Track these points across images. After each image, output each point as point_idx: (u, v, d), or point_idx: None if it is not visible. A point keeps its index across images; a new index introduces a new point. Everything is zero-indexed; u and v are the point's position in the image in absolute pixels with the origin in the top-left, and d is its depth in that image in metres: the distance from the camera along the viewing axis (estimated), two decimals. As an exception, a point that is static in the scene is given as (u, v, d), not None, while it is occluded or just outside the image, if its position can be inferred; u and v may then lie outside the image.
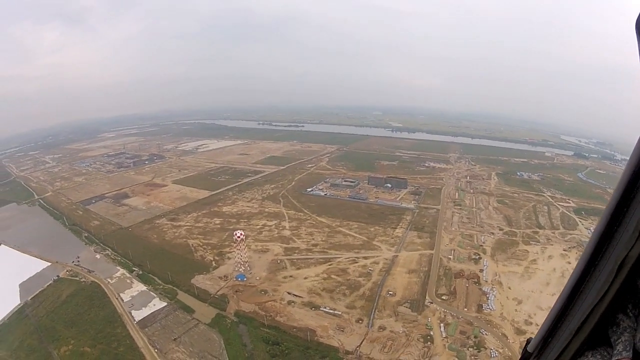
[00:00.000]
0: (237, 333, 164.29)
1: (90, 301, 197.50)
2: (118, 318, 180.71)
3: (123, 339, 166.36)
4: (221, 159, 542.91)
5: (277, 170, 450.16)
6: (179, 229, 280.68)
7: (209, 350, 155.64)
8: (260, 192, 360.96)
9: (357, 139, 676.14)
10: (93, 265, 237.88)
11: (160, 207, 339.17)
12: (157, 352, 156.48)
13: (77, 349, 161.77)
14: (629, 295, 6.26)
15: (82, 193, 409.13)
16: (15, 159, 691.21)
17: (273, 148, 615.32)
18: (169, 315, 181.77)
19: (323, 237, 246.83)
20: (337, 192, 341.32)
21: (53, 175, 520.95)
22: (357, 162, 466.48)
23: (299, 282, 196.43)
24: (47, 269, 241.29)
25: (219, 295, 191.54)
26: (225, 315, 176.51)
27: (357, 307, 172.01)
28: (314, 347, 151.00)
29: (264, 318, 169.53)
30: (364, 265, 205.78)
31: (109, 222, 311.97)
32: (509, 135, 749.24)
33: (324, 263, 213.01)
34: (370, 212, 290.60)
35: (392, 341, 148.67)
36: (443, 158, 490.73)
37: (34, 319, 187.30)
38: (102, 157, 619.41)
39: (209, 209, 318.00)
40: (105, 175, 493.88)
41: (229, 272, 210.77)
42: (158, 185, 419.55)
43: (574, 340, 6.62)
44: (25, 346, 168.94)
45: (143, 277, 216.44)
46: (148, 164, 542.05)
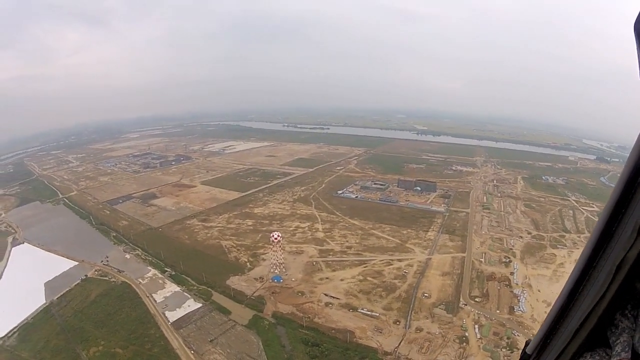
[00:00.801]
0: (276, 334, 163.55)
1: (120, 301, 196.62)
2: (151, 319, 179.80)
3: (157, 340, 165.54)
4: (249, 161, 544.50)
5: (306, 173, 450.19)
6: (211, 230, 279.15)
7: (247, 351, 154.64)
8: (291, 194, 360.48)
9: (383, 142, 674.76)
10: (123, 265, 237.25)
11: (190, 207, 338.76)
12: (193, 353, 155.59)
13: (107, 350, 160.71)
14: (628, 296, 6.46)
15: (108, 193, 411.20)
16: (38, 158, 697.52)
17: (300, 150, 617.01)
18: (205, 316, 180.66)
19: (357, 240, 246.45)
20: (367, 194, 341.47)
21: (77, 174, 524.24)
22: (385, 165, 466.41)
23: (335, 283, 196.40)
24: (73, 268, 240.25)
25: (256, 296, 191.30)
26: (263, 317, 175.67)
27: (394, 308, 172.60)
28: (353, 348, 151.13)
29: (302, 319, 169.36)
30: (399, 268, 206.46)
31: (137, 222, 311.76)
32: (532, 138, 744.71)
33: (359, 265, 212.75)
34: (401, 214, 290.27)
35: (429, 342, 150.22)
36: (469, 161, 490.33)
37: (60, 319, 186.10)
38: (127, 157, 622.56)
39: (240, 210, 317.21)
40: (131, 175, 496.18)
41: (264, 274, 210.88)
42: (187, 186, 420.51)
43: (573, 342, 6.89)
44: (51, 347, 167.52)
45: (176, 278, 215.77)
46: (175, 165, 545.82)
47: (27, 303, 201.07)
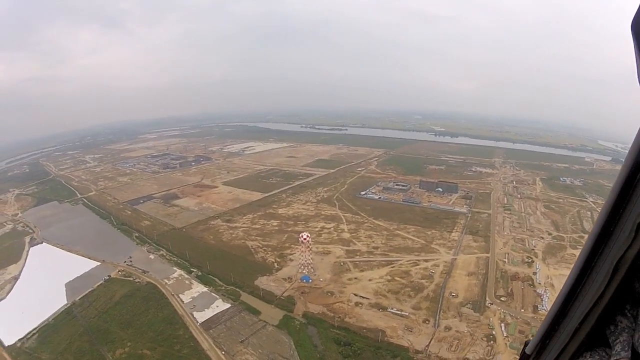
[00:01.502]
0: (307, 334, 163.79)
1: (146, 302, 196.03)
2: (179, 319, 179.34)
3: (186, 341, 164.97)
4: (269, 161, 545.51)
5: (328, 174, 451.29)
6: (236, 231, 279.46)
7: (279, 351, 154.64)
8: (314, 195, 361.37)
9: (402, 143, 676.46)
10: (147, 265, 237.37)
11: (213, 208, 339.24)
12: (224, 354, 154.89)
13: (134, 352, 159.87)
14: (627, 295, 6.44)
15: (128, 193, 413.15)
16: (54, 158, 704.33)
17: (320, 151, 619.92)
18: (234, 316, 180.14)
19: (382, 240, 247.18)
20: (390, 195, 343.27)
21: (95, 174, 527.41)
22: (405, 166, 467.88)
23: (364, 284, 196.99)
24: (95, 268, 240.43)
25: (285, 296, 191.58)
26: (293, 317, 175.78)
27: (423, 308, 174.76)
28: (384, 347, 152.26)
29: (333, 319, 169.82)
30: (426, 268, 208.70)
31: (160, 222, 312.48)
32: (548, 140, 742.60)
33: (386, 265, 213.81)
34: (425, 215, 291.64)
35: (458, 340, 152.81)
36: (488, 163, 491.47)
37: (83, 320, 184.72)
38: (145, 158, 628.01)
39: (264, 211, 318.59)
40: (151, 175, 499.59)
41: (292, 274, 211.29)
42: (208, 186, 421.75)
43: (572, 341, 6.88)
44: (74, 348, 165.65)
45: (203, 278, 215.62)
46: (195, 165, 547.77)
47: (47, 304, 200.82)
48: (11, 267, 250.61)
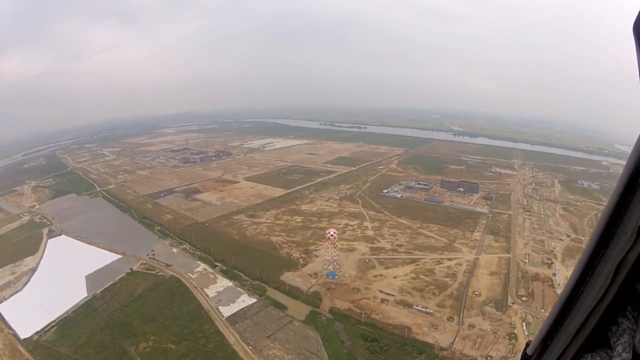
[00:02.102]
0: (334, 330, 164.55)
1: (170, 296, 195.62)
2: (204, 314, 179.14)
3: (212, 335, 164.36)
4: (290, 158, 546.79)
5: (349, 171, 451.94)
6: (260, 226, 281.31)
7: (307, 346, 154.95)
8: (336, 192, 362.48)
9: (422, 142, 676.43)
10: (170, 259, 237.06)
11: (236, 203, 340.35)
12: (251, 349, 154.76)
13: (159, 346, 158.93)
14: (628, 297, 6.46)
15: (149, 186, 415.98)
16: (71, 151, 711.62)
17: (341, 149, 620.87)
18: (261, 311, 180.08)
19: (406, 238, 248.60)
20: (412, 194, 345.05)
21: (114, 167, 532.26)
22: (426, 165, 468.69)
23: (389, 281, 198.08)
24: (117, 261, 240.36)
25: (311, 292, 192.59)
26: (320, 312, 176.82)
27: (447, 305, 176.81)
28: (410, 343, 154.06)
29: (359, 315, 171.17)
30: (449, 267, 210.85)
31: (182, 216, 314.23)
32: (565, 142, 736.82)
33: (411, 263, 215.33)
34: (447, 215, 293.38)
35: (481, 338, 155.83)
36: (507, 164, 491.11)
37: (104, 313, 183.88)
38: (164, 152, 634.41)
39: (287, 207, 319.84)
40: (171, 169, 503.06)
41: (318, 270, 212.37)
42: (230, 181, 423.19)
43: (573, 343, 6.91)
44: (95, 342, 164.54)
45: (227, 273, 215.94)
46: (215, 160, 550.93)
47: (66, 296, 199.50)
48: (28, 258, 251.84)
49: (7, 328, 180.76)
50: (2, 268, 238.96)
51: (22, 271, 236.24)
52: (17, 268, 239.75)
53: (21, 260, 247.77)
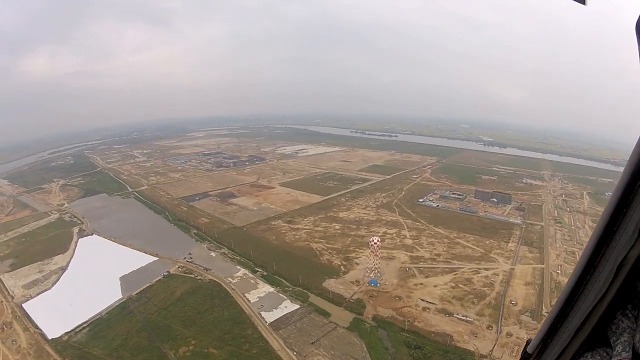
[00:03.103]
0: (378, 337, 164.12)
1: (211, 300, 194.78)
2: (246, 319, 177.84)
3: (255, 340, 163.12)
4: (324, 165, 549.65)
5: (384, 179, 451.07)
6: (299, 232, 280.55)
7: (351, 353, 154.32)
8: (373, 200, 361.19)
9: (453, 152, 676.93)
10: (208, 263, 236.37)
11: (272, 208, 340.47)
12: (295, 355, 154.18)
13: (199, 350, 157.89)
14: (628, 296, 6.56)
15: (182, 189, 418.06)
16: (99, 151, 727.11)
17: (374, 157, 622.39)
18: (304, 317, 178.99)
19: (444, 248, 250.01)
20: (447, 204, 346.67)
21: (146, 169, 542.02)
22: (459, 175, 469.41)
23: (429, 289, 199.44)
24: (152, 263, 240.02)
25: (354, 299, 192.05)
26: (364, 320, 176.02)
27: (486, 314, 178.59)
28: (452, 351, 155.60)
29: (402, 323, 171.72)
30: (486, 276, 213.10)
31: (219, 220, 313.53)
32: (592, 154, 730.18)
33: (450, 272, 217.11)
34: (482, 225, 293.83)
35: (519, 346, 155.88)
36: (537, 175, 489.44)
37: (140, 316, 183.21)
38: (196, 156, 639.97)
39: (325, 214, 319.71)
40: (204, 173, 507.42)
41: (359, 277, 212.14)
42: (265, 186, 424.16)
43: (574, 341, 6.97)
44: (131, 345, 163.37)
45: (268, 278, 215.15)
46: (249, 165, 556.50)
47: (99, 297, 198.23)
48: (57, 257, 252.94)
49: (33, 327, 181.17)
50: (29, 266, 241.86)
51: (51, 270, 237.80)
52: (46, 266, 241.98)
53: (50, 259, 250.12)
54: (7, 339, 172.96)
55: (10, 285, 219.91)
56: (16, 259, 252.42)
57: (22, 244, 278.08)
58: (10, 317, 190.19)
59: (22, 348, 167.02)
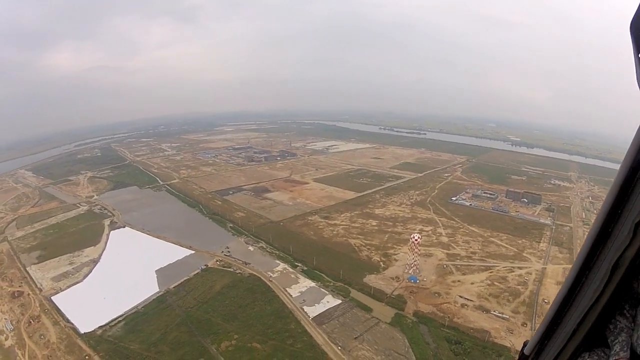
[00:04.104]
0: (419, 332, 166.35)
1: (252, 294, 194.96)
2: (289, 313, 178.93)
3: (299, 335, 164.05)
4: (356, 161, 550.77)
5: (416, 177, 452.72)
6: (336, 228, 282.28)
7: (394, 348, 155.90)
8: (407, 198, 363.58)
9: (482, 151, 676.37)
10: (247, 257, 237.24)
11: (308, 204, 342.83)
12: (340, 349, 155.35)
13: (243, 345, 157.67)
14: (625, 295, 6.62)
15: (215, 183, 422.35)
16: (127, 144, 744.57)
17: (404, 154, 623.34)
18: (346, 312, 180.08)
19: (479, 246, 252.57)
20: (480, 203, 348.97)
21: (176, 162, 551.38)
22: (489, 175, 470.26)
23: (467, 286, 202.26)
24: (189, 257, 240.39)
25: (395, 295, 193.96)
26: (405, 315, 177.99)
27: (521, 312, 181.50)
28: (490, 346, 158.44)
29: (442, 319, 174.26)
30: (520, 275, 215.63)
31: (255, 214, 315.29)
32: (618, 156, 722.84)
33: (485, 270, 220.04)
34: (514, 225, 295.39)
35: None
36: (565, 176, 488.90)
37: (179, 310, 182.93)
38: (226, 150, 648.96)
39: (360, 210, 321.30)
40: (235, 167, 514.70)
41: (399, 274, 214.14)
42: (298, 182, 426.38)
43: (571, 342, 6.96)
44: (171, 339, 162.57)
45: (309, 273, 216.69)
46: (280, 160, 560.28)
47: (134, 290, 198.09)
48: (88, 249, 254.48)
49: (63, 321, 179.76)
50: (58, 258, 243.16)
51: (82, 262, 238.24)
52: (76, 258, 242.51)
53: (80, 251, 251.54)
54: (35, 333, 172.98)
55: (38, 277, 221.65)
56: (44, 250, 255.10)
57: (50, 236, 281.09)
58: (39, 310, 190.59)
59: (52, 342, 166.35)
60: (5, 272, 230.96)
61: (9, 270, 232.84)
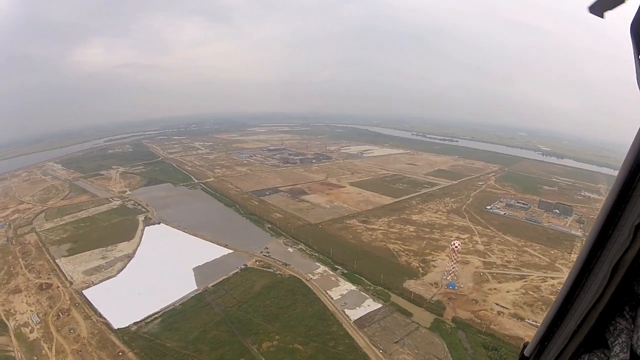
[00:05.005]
0: (457, 338, 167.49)
1: (292, 295, 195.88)
2: (330, 316, 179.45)
3: (341, 337, 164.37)
4: (391, 167, 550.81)
5: (451, 185, 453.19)
6: (374, 232, 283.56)
7: (434, 353, 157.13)
8: (443, 205, 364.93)
9: (514, 160, 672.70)
10: (286, 258, 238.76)
11: (345, 207, 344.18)
12: (381, 352, 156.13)
13: (284, 346, 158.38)
14: (625, 297, 6.54)
15: (251, 183, 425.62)
16: (158, 141, 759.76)
17: (438, 161, 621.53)
18: (387, 316, 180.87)
19: (513, 255, 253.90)
20: (513, 212, 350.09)
21: (210, 161, 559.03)
22: (522, 184, 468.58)
23: (502, 294, 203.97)
24: (227, 256, 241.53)
25: (434, 301, 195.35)
26: (444, 321, 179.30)
27: None
28: None
29: (480, 325, 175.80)
30: (553, 285, 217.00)
31: (293, 216, 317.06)
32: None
33: (520, 279, 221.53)
34: (547, 235, 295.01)
35: None
36: (594, 188, 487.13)
37: (219, 309, 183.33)
38: (260, 150, 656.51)
39: (397, 216, 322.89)
40: (271, 168, 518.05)
41: (437, 280, 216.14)
42: (335, 185, 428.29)
43: (571, 343, 6.98)
44: (210, 338, 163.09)
45: (349, 277, 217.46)
46: (315, 163, 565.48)
47: (171, 287, 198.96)
48: (122, 244, 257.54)
49: (95, 315, 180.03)
50: (90, 251, 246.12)
51: (116, 257, 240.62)
52: (109, 253, 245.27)
53: (114, 245, 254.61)
54: (64, 327, 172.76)
55: (68, 270, 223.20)
56: (75, 243, 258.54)
57: (81, 229, 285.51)
58: (68, 303, 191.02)
59: (82, 337, 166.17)
60: (32, 263, 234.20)
61: (36, 261, 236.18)
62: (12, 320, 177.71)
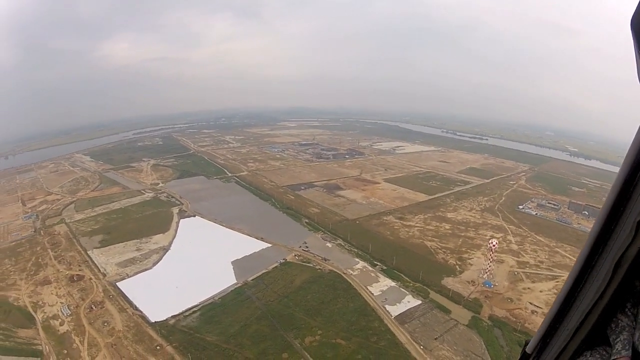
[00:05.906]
0: (494, 335, 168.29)
1: (333, 291, 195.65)
2: (372, 311, 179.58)
3: (382, 333, 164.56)
4: (423, 164, 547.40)
5: (483, 183, 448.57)
6: (411, 229, 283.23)
7: (472, 349, 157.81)
8: (476, 203, 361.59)
9: (543, 160, 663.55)
10: (325, 253, 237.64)
11: (381, 204, 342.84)
12: (422, 348, 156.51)
13: (327, 341, 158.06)
14: (627, 294, 6.52)
15: (285, 178, 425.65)
16: (188, 135, 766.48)
17: (470, 159, 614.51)
18: (426, 313, 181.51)
19: (546, 255, 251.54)
20: (544, 212, 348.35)
21: (242, 155, 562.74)
22: (552, 185, 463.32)
23: (536, 294, 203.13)
24: (266, 250, 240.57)
25: (471, 299, 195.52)
26: (481, 318, 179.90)
27: None
28: None
29: (515, 324, 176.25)
30: None
31: (329, 211, 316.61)
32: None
33: (552, 279, 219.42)
34: (577, 236, 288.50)
35: None
36: None
37: (259, 302, 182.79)
38: (292, 145, 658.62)
39: (433, 213, 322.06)
40: (304, 163, 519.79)
41: (474, 278, 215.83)
42: (369, 181, 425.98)
43: (573, 340, 6.92)
44: (252, 332, 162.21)
45: (389, 273, 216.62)
46: (349, 159, 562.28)
47: (209, 281, 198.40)
48: (157, 236, 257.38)
49: (131, 308, 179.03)
50: (124, 243, 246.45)
51: (151, 249, 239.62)
52: (144, 245, 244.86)
53: (148, 238, 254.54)
54: (97, 320, 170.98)
55: (101, 262, 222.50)
56: (107, 235, 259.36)
57: (113, 220, 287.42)
58: (102, 296, 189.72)
59: (117, 330, 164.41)
60: (62, 254, 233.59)
61: (67, 253, 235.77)
62: (40, 312, 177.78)
